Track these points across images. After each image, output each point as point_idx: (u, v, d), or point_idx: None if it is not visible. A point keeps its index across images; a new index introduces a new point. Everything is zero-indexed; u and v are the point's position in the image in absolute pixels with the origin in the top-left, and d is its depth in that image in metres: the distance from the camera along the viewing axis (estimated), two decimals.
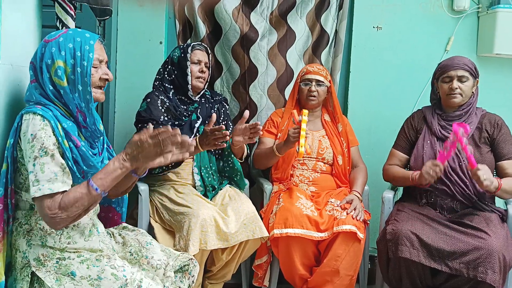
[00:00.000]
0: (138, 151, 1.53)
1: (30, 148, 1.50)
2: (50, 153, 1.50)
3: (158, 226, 2.33)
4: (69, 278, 1.55)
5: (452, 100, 2.37)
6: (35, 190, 1.48)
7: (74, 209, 1.50)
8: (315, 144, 2.64)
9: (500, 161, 2.36)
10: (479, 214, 2.25)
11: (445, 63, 2.40)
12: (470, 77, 2.35)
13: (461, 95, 2.35)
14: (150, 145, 1.52)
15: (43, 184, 1.48)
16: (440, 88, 2.42)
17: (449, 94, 2.36)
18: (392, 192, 2.53)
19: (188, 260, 1.83)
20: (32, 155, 1.49)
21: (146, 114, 2.36)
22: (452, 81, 2.35)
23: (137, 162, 1.55)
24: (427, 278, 2.23)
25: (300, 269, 2.38)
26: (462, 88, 2.34)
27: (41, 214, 1.52)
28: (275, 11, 3.05)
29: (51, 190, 1.48)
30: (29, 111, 1.54)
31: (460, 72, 2.34)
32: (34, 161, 1.49)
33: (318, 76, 2.61)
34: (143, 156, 1.54)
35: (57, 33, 1.62)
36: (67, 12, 1.99)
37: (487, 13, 2.95)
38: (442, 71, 2.40)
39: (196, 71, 2.44)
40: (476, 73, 2.38)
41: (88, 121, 1.63)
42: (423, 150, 2.42)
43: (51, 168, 1.49)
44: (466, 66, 2.34)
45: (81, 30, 1.64)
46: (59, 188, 1.49)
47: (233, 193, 2.46)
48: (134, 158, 1.54)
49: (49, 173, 1.49)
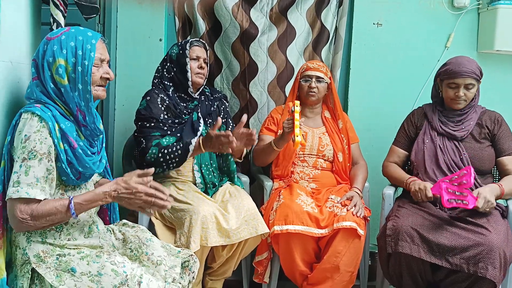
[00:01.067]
0: (127, 196, 1.57)
1: (21, 148, 1.51)
2: (38, 157, 1.51)
3: (159, 223, 2.33)
4: (69, 275, 1.55)
5: (456, 106, 2.39)
6: (13, 191, 1.49)
7: (43, 221, 1.52)
8: (315, 141, 2.64)
9: (500, 157, 2.38)
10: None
11: (453, 69, 2.34)
12: (476, 84, 2.36)
13: (465, 101, 2.37)
14: (141, 199, 1.57)
15: (22, 187, 1.49)
16: (445, 91, 2.42)
17: (454, 99, 2.37)
18: (393, 189, 2.53)
19: (188, 256, 1.84)
20: (21, 156, 1.50)
21: (146, 112, 2.36)
22: (458, 88, 2.35)
23: (118, 202, 1.61)
24: (427, 274, 2.23)
25: (300, 266, 2.39)
26: (468, 95, 2.36)
27: (10, 214, 1.52)
28: (275, 7, 3.04)
29: (28, 194, 1.49)
30: (28, 110, 1.54)
31: (468, 81, 2.33)
32: (22, 162, 1.50)
33: (318, 73, 2.61)
34: (127, 202, 1.59)
35: (60, 30, 1.63)
36: (57, 7, 1.98)
37: (487, 10, 2.94)
38: (449, 76, 2.36)
39: (195, 67, 2.44)
40: (481, 76, 2.38)
41: (88, 120, 1.63)
42: (423, 144, 2.42)
43: (35, 172, 1.50)
44: (474, 74, 2.32)
45: (83, 29, 1.64)
46: (36, 195, 1.50)
47: (233, 190, 2.46)
48: (119, 199, 1.59)
49: (31, 177, 1.50)
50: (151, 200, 1.58)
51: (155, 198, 1.58)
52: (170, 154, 2.26)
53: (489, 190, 2.18)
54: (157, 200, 1.58)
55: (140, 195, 1.57)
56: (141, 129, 2.36)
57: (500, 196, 2.22)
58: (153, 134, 2.33)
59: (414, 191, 2.28)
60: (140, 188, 1.56)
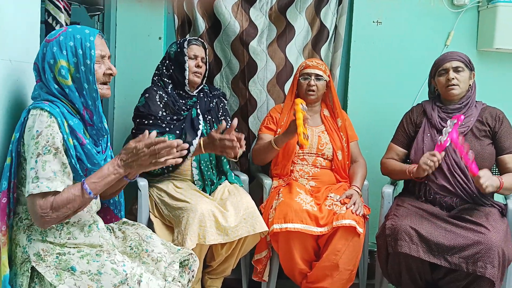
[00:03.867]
0: (133, 158, 1.56)
1: (34, 144, 1.51)
2: (53, 152, 1.51)
3: (158, 221, 2.33)
4: (69, 273, 1.55)
5: (451, 92, 2.37)
6: (33, 187, 1.49)
7: (65, 210, 1.51)
8: (314, 140, 2.64)
9: (501, 155, 2.36)
10: (479, 209, 2.25)
11: (439, 58, 2.46)
12: (465, 68, 2.37)
13: (458, 86, 2.36)
14: (145, 154, 1.55)
15: (42, 182, 1.49)
16: (438, 82, 2.43)
17: (447, 86, 2.37)
18: (392, 187, 2.53)
19: (188, 255, 1.84)
20: (35, 152, 1.50)
21: (144, 109, 2.36)
22: (448, 72, 2.37)
23: (130, 169, 1.59)
24: (426, 273, 2.23)
25: (299, 264, 2.39)
26: (459, 78, 2.36)
27: (31, 211, 1.53)
28: (274, 6, 3.04)
29: (49, 188, 1.49)
30: (36, 106, 1.55)
31: (454, 63, 2.36)
32: (37, 158, 1.50)
33: (317, 71, 2.61)
34: (137, 164, 1.57)
35: (57, 32, 1.63)
36: (59, 9, 1.97)
37: (487, 8, 2.94)
38: (438, 66, 2.43)
39: (192, 66, 2.44)
40: (471, 65, 2.40)
41: (95, 119, 1.64)
42: (423, 143, 2.42)
43: (52, 166, 1.50)
44: (459, 57, 2.38)
45: (80, 27, 1.65)
46: (57, 187, 1.50)
47: (232, 188, 2.46)
48: (128, 165, 1.57)
49: (49, 171, 1.50)
50: (155, 148, 1.54)
51: (157, 145, 1.55)
52: None
53: (489, 175, 2.17)
54: (161, 146, 1.54)
55: (143, 151, 1.55)
56: (139, 126, 2.37)
57: (499, 188, 2.18)
58: (151, 132, 2.32)
59: (423, 163, 2.21)
60: (139, 145, 1.55)
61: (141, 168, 1.59)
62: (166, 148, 1.56)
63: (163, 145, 1.55)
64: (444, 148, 2.20)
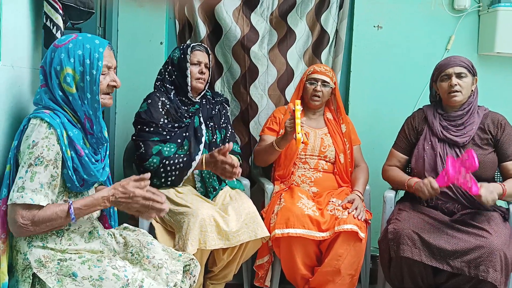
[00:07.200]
0: (125, 200, 1.58)
1: (28, 154, 1.51)
2: (45, 164, 1.51)
3: (159, 226, 2.32)
4: (71, 279, 1.54)
5: (453, 99, 2.35)
6: (17, 196, 1.49)
7: (44, 226, 1.52)
8: (317, 142, 2.64)
9: (504, 162, 2.34)
10: (481, 213, 2.24)
11: (442, 63, 2.41)
12: (468, 74, 2.34)
13: (461, 92, 2.33)
14: (138, 203, 1.58)
15: (26, 193, 1.49)
16: (440, 88, 2.41)
17: (450, 92, 2.34)
18: (394, 192, 2.52)
19: (189, 260, 1.83)
20: (27, 162, 1.51)
21: (146, 116, 2.36)
22: (450, 78, 2.34)
23: (117, 206, 1.61)
24: (428, 277, 2.22)
25: (301, 269, 2.38)
26: (462, 85, 2.33)
27: (10, 219, 1.52)
28: (275, 11, 3.05)
29: (32, 200, 1.49)
30: (37, 116, 1.55)
31: (457, 69, 2.33)
32: (28, 168, 1.50)
33: (324, 77, 2.61)
34: (125, 207, 1.59)
35: (67, 38, 1.63)
36: (56, 11, 1.95)
37: (487, 12, 2.94)
38: (440, 71, 2.39)
39: (195, 72, 2.44)
40: (474, 70, 2.37)
41: (95, 129, 1.64)
42: (424, 151, 2.39)
43: (41, 178, 1.51)
44: (463, 63, 2.35)
45: (91, 36, 1.64)
46: (40, 201, 1.50)
47: (234, 193, 2.45)
48: (117, 203, 1.59)
49: (37, 183, 1.50)
50: (148, 204, 1.58)
51: (152, 201, 1.58)
52: (172, 166, 2.28)
53: (492, 185, 2.16)
54: (154, 204, 1.59)
55: (138, 199, 1.57)
56: (140, 132, 2.36)
57: (501, 195, 2.18)
58: (152, 139, 2.33)
59: (418, 187, 2.23)
60: (137, 192, 1.57)
61: (125, 210, 1.61)
62: (158, 205, 1.59)
63: (157, 205, 1.59)
64: (446, 185, 2.16)
